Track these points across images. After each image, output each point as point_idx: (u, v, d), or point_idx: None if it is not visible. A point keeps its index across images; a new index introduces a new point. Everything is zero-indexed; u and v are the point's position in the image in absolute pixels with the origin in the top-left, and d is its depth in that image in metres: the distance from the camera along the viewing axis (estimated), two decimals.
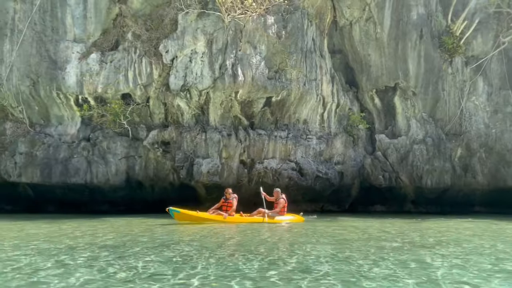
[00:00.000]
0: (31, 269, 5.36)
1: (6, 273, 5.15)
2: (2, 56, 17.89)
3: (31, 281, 4.79)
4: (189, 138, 17.48)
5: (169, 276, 5.00)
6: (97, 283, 4.66)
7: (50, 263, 5.80)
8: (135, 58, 17.52)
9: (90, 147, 17.40)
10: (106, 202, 18.21)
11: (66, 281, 4.76)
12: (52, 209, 18.15)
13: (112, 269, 5.39)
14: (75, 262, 5.83)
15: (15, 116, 18.38)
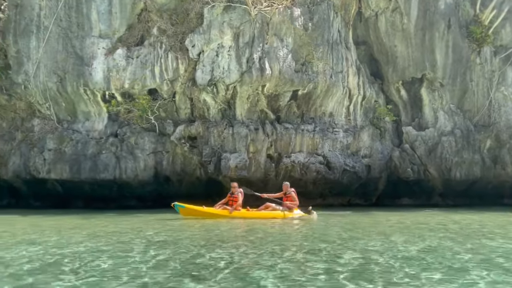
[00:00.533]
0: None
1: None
2: (28, 53, 17.96)
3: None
4: (216, 133, 17.41)
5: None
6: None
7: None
8: (161, 53, 17.45)
9: (118, 143, 17.43)
10: (134, 198, 18.26)
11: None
12: (81, 205, 18.26)
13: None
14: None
15: (42, 113, 18.48)
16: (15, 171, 17.91)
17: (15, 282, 4.49)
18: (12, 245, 7.12)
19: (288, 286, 4.27)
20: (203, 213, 12.49)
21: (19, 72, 18.04)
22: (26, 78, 17.92)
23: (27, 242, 7.44)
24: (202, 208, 12.60)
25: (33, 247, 6.82)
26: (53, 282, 4.47)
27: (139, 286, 4.29)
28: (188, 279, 4.56)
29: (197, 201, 13.76)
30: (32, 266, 5.28)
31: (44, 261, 5.61)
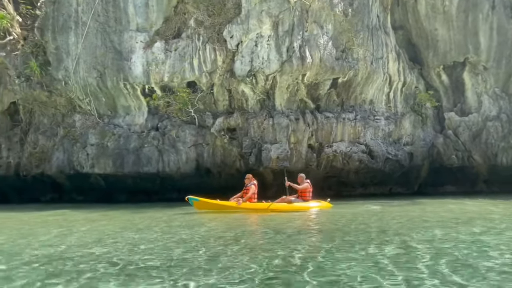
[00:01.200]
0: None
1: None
2: (68, 49, 18.09)
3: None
4: (255, 124, 17.27)
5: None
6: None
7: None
8: (199, 45, 17.32)
9: (160, 136, 17.48)
10: (176, 190, 18.32)
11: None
12: (124, 198, 18.44)
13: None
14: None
15: (82, 108, 18.66)
16: (59, 166, 18.20)
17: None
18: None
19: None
20: (216, 206, 12.39)
21: (59, 68, 18.21)
22: (66, 74, 18.08)
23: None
24: (216, 201, 12.48)
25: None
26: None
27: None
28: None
29: (236, 193, 13.67)
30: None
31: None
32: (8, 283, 4.48)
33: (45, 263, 5.43)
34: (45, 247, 6.62)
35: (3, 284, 4.46)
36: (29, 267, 5.20)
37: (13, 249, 6.54)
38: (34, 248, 6.54)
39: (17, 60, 19.16)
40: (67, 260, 5.53)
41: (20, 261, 5.55)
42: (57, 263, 5.40)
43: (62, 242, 7.13)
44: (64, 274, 4.82)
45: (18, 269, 5.13)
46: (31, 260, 5.60)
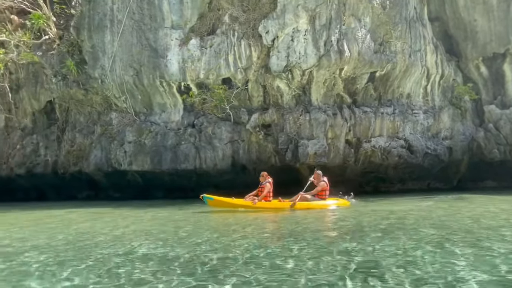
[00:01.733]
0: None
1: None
2: (104, 48, 18.24)
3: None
4: (291, 120, 17.12)
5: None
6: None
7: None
8: (234, 41, 17.23)
9: (197, 133, 17.50)
10: (212, 186, 18.32)
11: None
12: (161, 195, 18.57)
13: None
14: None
15: (118, 106, 18.82)
16: (97, 164, 18.41)
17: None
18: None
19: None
20: (231, 204, 12.15)
21: (95, 67, 18.39)
22: (103, 72, 18.24)
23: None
24: (230, 200, 12.24)
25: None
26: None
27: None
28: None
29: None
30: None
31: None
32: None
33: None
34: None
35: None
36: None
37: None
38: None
39: (53, 59, 19.45)
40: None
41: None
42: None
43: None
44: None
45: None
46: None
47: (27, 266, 5.36)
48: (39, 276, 4.84)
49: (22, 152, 20.00)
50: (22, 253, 6.21)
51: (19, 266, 5.37)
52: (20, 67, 20.27)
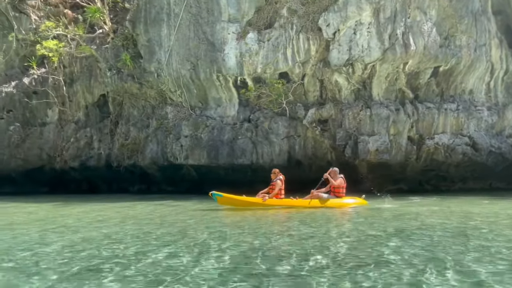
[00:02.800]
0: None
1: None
2: (160, 41, 18.20)
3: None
4: (351, 115, 16.76)
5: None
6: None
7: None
8: (292, 34, 16.95)
9: (253, 128, 17.31)
10: (266, 182, 18.11)
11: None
12: (215, 190, 18.38)
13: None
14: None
15: (173, 100, 18.79)
16: (153, 157, 18.45)
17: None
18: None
19: None
20: (241, 202, 11.74)
21: (151, 61, 18.38)
22: (159, 66, 18.22)
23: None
24: (240, 197, 11.81)
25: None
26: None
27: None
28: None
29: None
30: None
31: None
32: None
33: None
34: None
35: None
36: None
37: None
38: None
39: (107, 53, 19.54)
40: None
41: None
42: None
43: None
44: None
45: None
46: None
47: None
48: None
49: (76, 145, 20.21)
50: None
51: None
52: (74, 60, 20.50)
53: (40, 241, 6.81)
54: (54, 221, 9.61)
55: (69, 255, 5.54)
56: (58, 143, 20.60)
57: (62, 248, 6.10)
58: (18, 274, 4.65)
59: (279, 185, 12.03)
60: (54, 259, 5.37)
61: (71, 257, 5.44)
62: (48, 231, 7.99)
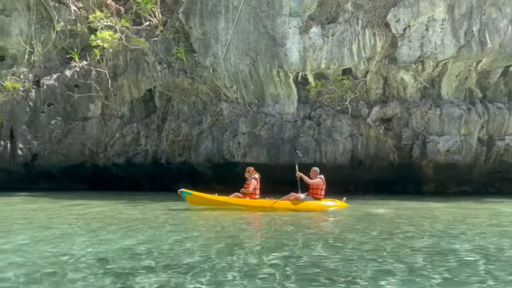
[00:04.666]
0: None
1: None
2: (217, 35, 17.54)
3: None
4: (418, 114, 16.24)
5: None
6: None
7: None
8: (358, 29, 16.41)
9: (315, 126, 16.72)
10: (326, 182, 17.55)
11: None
12: (270, 188, 17.78)
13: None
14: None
15: (228, 96, 18.15)
16: (207, 155, 17.79)
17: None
18: None
19: None
20: (212, 201, 11.16)
21: (207, 55, 17.72)
22: (215, 60, 17.57)
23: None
24: (211, 196, 11.22)
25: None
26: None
27: None
28: None
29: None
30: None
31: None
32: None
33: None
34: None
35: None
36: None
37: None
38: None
39: (157, 46, 18.84)
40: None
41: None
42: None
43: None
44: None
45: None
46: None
47: None
48: None
49: (122, 141, 19.49)
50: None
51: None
52: (119, 54, 19.78)
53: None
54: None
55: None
56: (101, 138, 19.86)
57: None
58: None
59: (253, 184, 11.36)
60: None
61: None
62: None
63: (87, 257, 5.30)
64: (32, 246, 6.11)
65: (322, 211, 11.07)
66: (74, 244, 6.17)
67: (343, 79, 16.44)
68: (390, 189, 17.12)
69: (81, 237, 6.93)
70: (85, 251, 5.69)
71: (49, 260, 5.16)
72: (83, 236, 7.04)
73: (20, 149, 19.48)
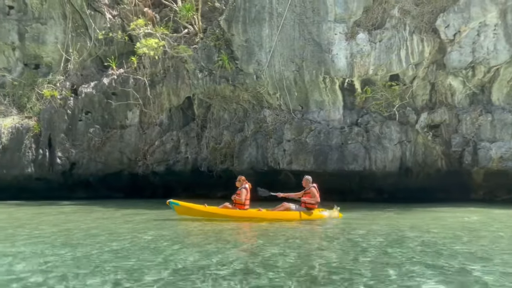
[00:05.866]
0: None
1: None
2: (261, 42, 17.44)
3: None
4: (469, 120, 16.02)
5: None
6: None
7: None
8: (406, 35, 16.27)
9: (364, 133, 16.53)
10: (373, 190, 17.37)
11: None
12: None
13: None
14: None
15: (270, 103, 17.99)
16: (251, 162, 17.60)
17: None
18: None
19: None
20: (200, 212, 10.78)
21: (250, 62, 17.61)
22: (259, 68, 17.44)
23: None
24: (200, 207, 10.84)
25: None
26: None
27: None
28: None
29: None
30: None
31: None
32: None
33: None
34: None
35: None
36: None
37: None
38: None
39: (197, 54, 18.75)
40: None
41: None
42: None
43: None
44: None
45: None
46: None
47: None
48: None
49: (162, 149, 19.35)
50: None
51: None
52: (157, 62, 19.70)
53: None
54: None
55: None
56: (140, 146, 19.72)
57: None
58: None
59: (244, 194, 10.91)
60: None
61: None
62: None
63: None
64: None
65: (314, 221, 10.68)
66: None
67: (392, 85, 16.26)
68: (433, 196, 16.83)
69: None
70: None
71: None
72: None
73: (59, 158, 19.36)
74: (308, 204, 11.00)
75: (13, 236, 8.09)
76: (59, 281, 4.67)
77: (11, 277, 4.82)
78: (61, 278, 4.77)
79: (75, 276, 4.88)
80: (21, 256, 6.02)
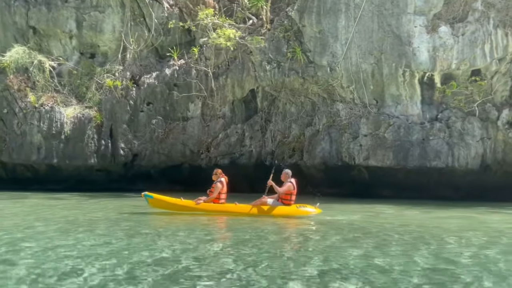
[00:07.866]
0: None
1: None
2: (336, 34, 17.02)
3: None
4: None
5: None
6: None
7: None
8: (490, 29, 15.83)
9: (445, 128, 16.12)
10: (450, 188, 16.94)
11: None
12: (388, 193, 17.18)
13: None
14: None
15: (342, 96, 17.60)
16: (324, 157, 17.22)
17: None
18: None
19: None
20: (173, 205, 10.67)
21: (323, 54, 17.20)
22: (333, 60, 17.03)
23: None
24: (172, 200, 10.72)
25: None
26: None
27: None
28: None
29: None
30: None
31: None
32: None
33: None
34: None
35: None
36: None
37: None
38: None
39: (264, 46, 18.32)
40: None
41: None
42: None
43: None
44: None
45: None
46: None
47: None
48: None
49: (227, 141, 19.01)
50: None
51: None
52: (219, 53, 19.31)
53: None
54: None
55: None
56: (203, 139, 19.39)
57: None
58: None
59: (218, 188, 10.53)
60: None
61: None
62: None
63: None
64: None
65: (291, 217, 10.40)
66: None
67: (476, 80, 15.85)
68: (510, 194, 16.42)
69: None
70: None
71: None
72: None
73: (121, 149, 19.06)
74: (285, 200, 10.53)
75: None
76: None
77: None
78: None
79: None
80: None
